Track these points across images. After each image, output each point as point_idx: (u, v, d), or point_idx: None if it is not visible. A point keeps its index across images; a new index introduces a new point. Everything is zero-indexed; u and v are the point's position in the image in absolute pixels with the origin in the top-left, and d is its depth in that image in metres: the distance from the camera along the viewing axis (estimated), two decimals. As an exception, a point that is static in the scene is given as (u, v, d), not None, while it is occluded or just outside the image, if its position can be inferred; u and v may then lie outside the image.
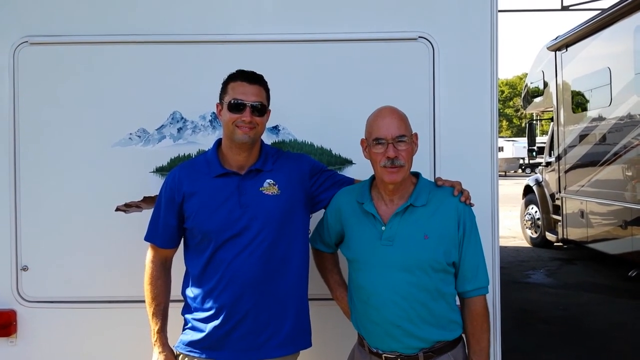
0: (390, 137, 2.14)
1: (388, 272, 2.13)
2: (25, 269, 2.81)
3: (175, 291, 2.41)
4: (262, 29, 2.82)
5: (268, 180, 2.33)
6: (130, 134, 2.81)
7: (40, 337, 2.83)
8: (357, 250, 2.23)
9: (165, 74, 2.81)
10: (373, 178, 2.30)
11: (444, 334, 2.17)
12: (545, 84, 10.16)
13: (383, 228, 2.17)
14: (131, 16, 2.83)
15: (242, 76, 2.31)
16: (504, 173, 32.78)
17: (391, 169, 2.14)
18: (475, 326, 2.20)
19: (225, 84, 2.33)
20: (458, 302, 2.25)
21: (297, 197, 2.37)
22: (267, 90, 2.36)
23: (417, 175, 2.29)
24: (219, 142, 2.41)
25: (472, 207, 2.24)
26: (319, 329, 2.48)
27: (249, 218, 2.25)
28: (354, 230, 2.26)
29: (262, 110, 2.29)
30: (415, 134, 2.24)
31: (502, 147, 33.79)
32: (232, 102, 2.26)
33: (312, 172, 2.45)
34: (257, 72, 2.35)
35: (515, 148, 34.66)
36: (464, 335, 2.24)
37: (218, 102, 2.36)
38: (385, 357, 2.18)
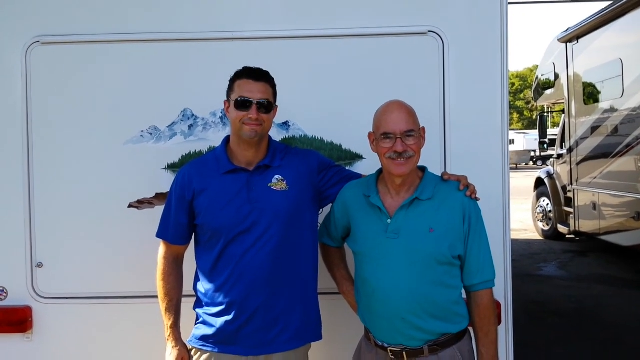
0: (399, 131, 2.14)
1: (393, 265, 2.13)
2: (40, 265, 2.84)
3: (187, 286, 2.44)
4: (271, 26, 2.82)
5: (276, 176, 2.34)
6: (142, 131, 2.83)
7: (56, 333, 2.86)
8: (363, 243, 2.24)
9: (175, 71, 2.82)
10: (380, 172, 2.31)
11: (449, 327, 2.18)
12: (556, 76, 10.08)
13: (389, 221, 2.18)
14: (141, 15, 2.84)
15: (248, 73, 2.32)
16: (515, 166, 32.56)
17: (399, 161, 2.14)
18: (483, 319, 2.21)
19: (232, 82, 2.35)
20: (464, 296, 2.26)
21: (305, 193, 2.38)
22: (273, 86, 2.36)
23: (423, 169, 2.30)
24: (227, 139, 2.43)
25: (478, 202, 2.24)
26: (328, 322, 2.50)
27: (258, 214, 2.27)
28: (360, 223, 2.27)
29: (268, 107, 2.30)
30: (423, 128, 2.24)
31: (513, 140, 33.56)
32: (238, 99, 2.28)
33: (320, 168, 2.46)
34: (264, 69, 2.35)
35: (526, 140, 34.40)
36: (471, 329, 2.25)
37: (225, 99, 2.37)
38: (390, 350, 2.19)
